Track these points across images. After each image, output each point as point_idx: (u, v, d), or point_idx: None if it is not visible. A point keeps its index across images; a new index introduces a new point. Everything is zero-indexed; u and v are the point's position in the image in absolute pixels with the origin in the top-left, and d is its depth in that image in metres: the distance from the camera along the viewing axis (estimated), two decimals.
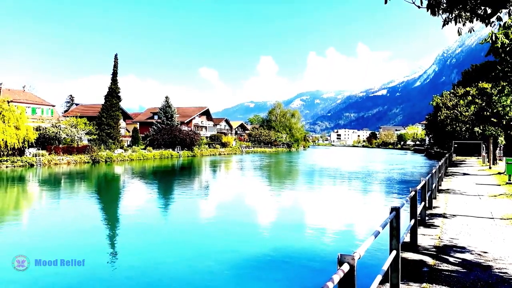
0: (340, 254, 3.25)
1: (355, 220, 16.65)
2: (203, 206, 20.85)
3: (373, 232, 4.22)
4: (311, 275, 9.70)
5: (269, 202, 21.95)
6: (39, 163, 43.52)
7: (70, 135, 54.20)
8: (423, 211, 10.22)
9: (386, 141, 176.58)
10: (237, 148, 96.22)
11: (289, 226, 15.27)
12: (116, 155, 54.48)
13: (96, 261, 10.89)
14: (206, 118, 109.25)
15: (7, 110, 45.09)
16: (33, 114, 61.41)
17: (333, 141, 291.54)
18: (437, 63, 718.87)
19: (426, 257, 7.40)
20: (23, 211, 19.83)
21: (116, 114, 61.53)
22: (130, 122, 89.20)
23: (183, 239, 13.53)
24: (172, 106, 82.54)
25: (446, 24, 6.13)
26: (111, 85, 61.82)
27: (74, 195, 24.63)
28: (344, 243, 12.46)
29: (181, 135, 72.60)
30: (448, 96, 60.79)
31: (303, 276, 9.77)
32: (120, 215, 18.79)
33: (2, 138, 43.09)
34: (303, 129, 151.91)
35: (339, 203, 21.52)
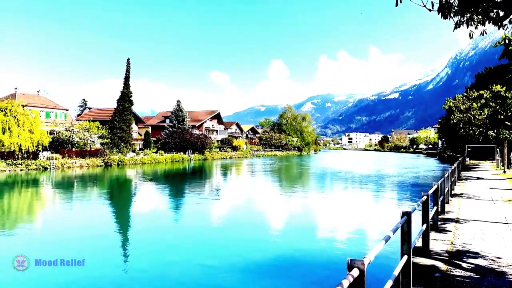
0: (350, 259, 3.23)
1: (366, 224, 16.52)
2: (213, 209, 20.88)
3: (384, 237, 4.18)
4: (321, 280, 9.65)
5: (280, 205, 21.91)
6: (52, 166, 44.09)
7: (83, 138, 54.84)
8: (435, 216, 10.09)
9: (398, 145, 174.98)
10: (248, 152, 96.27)
11: (299, 230, 15.22)
12: (128, 159, 54.95)
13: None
14: (217, 122, 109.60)
15: (21, 114, 45.86)
16: (47, 118, 62.28)
17: (344, 145, 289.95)
18: (450, 66, 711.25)
19: (438, 262, 7.31)
20: (32, 213, 20.10)
21: (128, 118, 62.11)
22: (142, 126, 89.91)
23: (190, 240, 13.54)
24: (184, 110, 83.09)
25: (457, 27, 6.07)
26: (124, 89, 62.47)
27: (84, 197, 24.88)
28: (355, 248, 12.36)
29: (192, 138, 72.93)
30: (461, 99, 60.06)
31: (313, 280, 9.71)
32: (127, 217, 18.94)
33: (17, 142, 43.81)
34: (314, 133, 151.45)
35: (350, 207, 21.37)
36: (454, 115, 57.95)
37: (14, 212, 20.14)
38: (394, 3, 6.20)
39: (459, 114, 56.23)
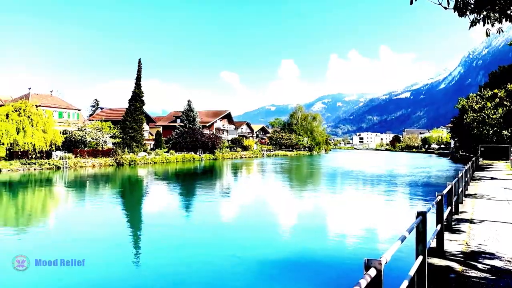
0: (367, 258, 3.21)
1: (379, 224, 16.41)
2: (225, 208, 20.93)
3: (400, 237, 4.16)
4: (336, 280, 9.61)
5: (292, 205, 21.88)
6: (65, 165, 44.62)
7: (95, 138, 55.41)
8: (449, 216, 9.99)
9: (410, 145, 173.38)
10: (258, 152, 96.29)
11: (312, 229, 15.16)
12: (139, 158, 55.37)
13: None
14: (227, 122, 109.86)
15: (35, 114, 46.51)
16: (60, 118, 63.04)
17: (355, 145, 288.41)
18: (463, 65, 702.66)
19: (453, 263, 7.23)
20: (40, 212, 20.30)
21: (139, 118, 62.58)
22: (153, 126, 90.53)
23: (201, 240, 13.48)
24: (194, 109, 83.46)
25: (473, 25, 6.00)
26: (135, 89, 62.98)
27: (95, 197, 25.09)
28: (369, 248, 12.28)
29: (203, 138, 73.22)
30: (474, 99, 59.36)
31: (327, 280, 9.67)
32: (135, 216, 19.01)
33: (31, 142, 44.45)
34: (325, 132, 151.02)
35: (363, 206, 21.25)
36: (467, 115, 57.28)
37: (22, 211, 20.39)
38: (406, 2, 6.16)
39: (472, 113, 55.57)
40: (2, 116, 44.19)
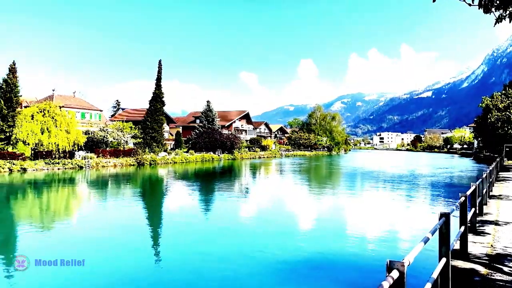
0: (389, 260, 3.17)
1: (401, 225, 16.17)
2: (243, 208, 20.96)
3: (423, 239, 4.09)
4: (357, 281, 9.51)
5: (311, 205, 21.77)
6: (88, 165, 45.50)
7: (116, 138, 56.32)
8: (473, 218, 9.76)
9: (432, 145, 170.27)
10: (277, 152, 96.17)
11: (333, 230, 15.05)
12: (160, 158, 56.04)
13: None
14: (246, 122, 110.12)
15: (59, 115, 47.63)
16: (83, 119, 64.36)
17: (376, 145, 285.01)
18: (486, 63, 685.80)
19: (478, 265, 7.07)
20: (55, 211, 20.70)
21: (160, 118, 63.34)
22: (173, 126, 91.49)
23: (219, 240, 13.49)
24: (213, 110, 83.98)
25: (499, 22, 5.85)
26: (155, 90, 63.78)
27: (115, 196, 25.33)
28: (390, 249, 12.11)
29: (222, 138, 73.60)
30: (499, 98, 57.89)
31: (349, 282, 9.57)
32: (151, 216, 19.16)
33: (55, 142, 45.55)
34: (344, 132, 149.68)
35: (384, 207, 20.98)
36: (491, 114, 55.90)
37: (37, 210, 20.70)
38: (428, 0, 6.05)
39: (497, 112, 54.20)
40: (27, 117, 45.41)
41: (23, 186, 30.39)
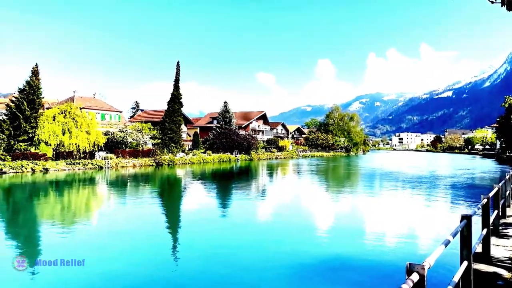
0: (409, 263, 3.12)
1: (420, 227, 15.90)
2: (260, 209, 20.94)
3: (443, 241, 4.02)
4: (375, 284, 9.38)
5: (329, 206, 21.61)
6: (107, 165, 46.22)
7: (135, 139, 57.08)
8: (496, 220, 9.54)
9: (452, 145, 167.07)
10: (294, 152, 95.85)
11: (351, 231, 14.88)
12: (178, 159, 56.55)
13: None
14: (263, 122, 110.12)
15: (79, 116, 48.56)
16: (102, 120, 65.42)
17: (395, 145, 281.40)
18: (510, 62, 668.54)
19: (501, 269, 6.89)
20: (69, 212, 21.03)
21: (178, 119, 63.95)
22: (190, 127, 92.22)
23: (233, 240, 13.48)
24: (230, 111, 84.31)
25: None
26: (174, 92, 64.43)
27: (133, 196, 25.58)
28: (409, 251, 11.90)
29: (239, 139, 73.80)
30: None
31: (367, 285, 9.45)
32: (164, 215, 19.23)
33: (76, 143, 46.45)
34: (363, 133, 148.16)
35: (403, 208, 20.67)
36: None
37: (50, 211, 21.17)
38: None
39: None
40: (49, 118, 46.42)
41: (43, 186, 31.06)
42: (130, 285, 9.33)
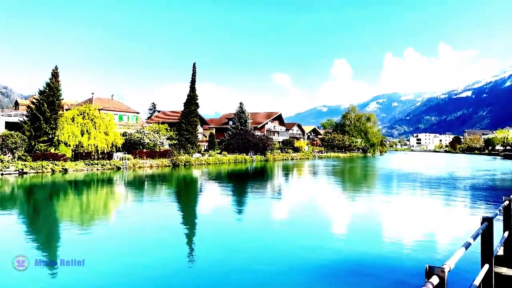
0: (429, 265, 3.07)
1: (439, 229, 15.63)
2: (276, 210, 20.87)
3: (464, 244, 3.94)
4: (394, 287, 9.25)
5: (346, 207, 21.44)
6: (125, 166, 46.79)
7: (152, 140, 57.67)
8: None
9: (472, 146, 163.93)
10: (310, 153, 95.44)
11: (368, 233, 14.72)
12: (194, 159, 56.91)
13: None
14: (278, 123, 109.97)
15: (98, 117, 49.31)
16: (120, 121, 66.30)
17: (412, 146, 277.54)
18: None
19: None
20: (80, 212, 21.33)
21: (194, 120, 64.38)
22: (206, 128, 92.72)
23: (249, 241, 13.42)
24: (246, 111, 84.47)
25: None
26: (190, 93, 64.91)
27: (152, 197, 25.84)
28: (427, 253, 11.68)
29: (254, 140, 73.84)
30: None
31: (385, 287, 9.34)
32: (178, 215, 19.28)
33: (94, 143, 47.18)
34: (380, 133, 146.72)
35: (422, 210, 20.36)
36: None
37: (63, 211, 21.50)
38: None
39: None
40: (68, 119, 47.27)
41: (61, 186, 31.61)
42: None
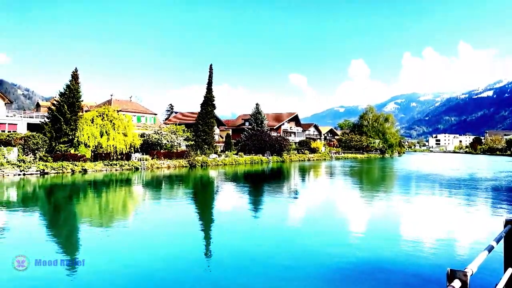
0: (450, 269, 3.01)
1: (461, 231, 15.34)
2: (292, 211, 20.81)
3: (487, 247, 3.85)
4: None
5: (365, 209, 21.21)
6: (143, 167, 47.34)
7: (170, 141, 58.24)
8: None
9: (493, 147, 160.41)
10: (326, 154, 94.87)
11: (387, 235, 14.53)
12: (210, 160, 57.20)
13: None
14: (295, 124, 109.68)
15: (116, 118, 50.03)
16: (138, 122, 67.12)
17: (431, 147, 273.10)
18: None
19: None
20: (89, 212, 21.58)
21: (211, 121, 64.74)
22: (223, 129, 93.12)
23: (264, 243, 13.38)
24: (262, 112, 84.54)
25: None
26: (206, 94, 65.32)
27: (170, 197, 26.02)
28: (449, 257, 11.46)
29: (271, 140, 73.79)
30: None
31: None
32: (195, 215, 19.33)
33: (113, 144, 47.87)
34: (398, 134, 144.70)
35: (442, 212, 20.00)
36: None
37: (73, 211, 21.79)
38: None
39: None
40: (88, 121, 48.10)
41: (81, 186, 32.15)
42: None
